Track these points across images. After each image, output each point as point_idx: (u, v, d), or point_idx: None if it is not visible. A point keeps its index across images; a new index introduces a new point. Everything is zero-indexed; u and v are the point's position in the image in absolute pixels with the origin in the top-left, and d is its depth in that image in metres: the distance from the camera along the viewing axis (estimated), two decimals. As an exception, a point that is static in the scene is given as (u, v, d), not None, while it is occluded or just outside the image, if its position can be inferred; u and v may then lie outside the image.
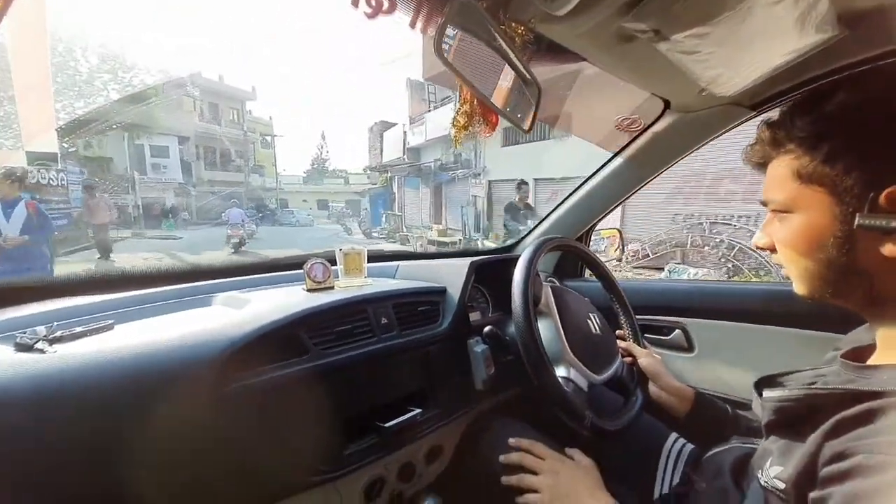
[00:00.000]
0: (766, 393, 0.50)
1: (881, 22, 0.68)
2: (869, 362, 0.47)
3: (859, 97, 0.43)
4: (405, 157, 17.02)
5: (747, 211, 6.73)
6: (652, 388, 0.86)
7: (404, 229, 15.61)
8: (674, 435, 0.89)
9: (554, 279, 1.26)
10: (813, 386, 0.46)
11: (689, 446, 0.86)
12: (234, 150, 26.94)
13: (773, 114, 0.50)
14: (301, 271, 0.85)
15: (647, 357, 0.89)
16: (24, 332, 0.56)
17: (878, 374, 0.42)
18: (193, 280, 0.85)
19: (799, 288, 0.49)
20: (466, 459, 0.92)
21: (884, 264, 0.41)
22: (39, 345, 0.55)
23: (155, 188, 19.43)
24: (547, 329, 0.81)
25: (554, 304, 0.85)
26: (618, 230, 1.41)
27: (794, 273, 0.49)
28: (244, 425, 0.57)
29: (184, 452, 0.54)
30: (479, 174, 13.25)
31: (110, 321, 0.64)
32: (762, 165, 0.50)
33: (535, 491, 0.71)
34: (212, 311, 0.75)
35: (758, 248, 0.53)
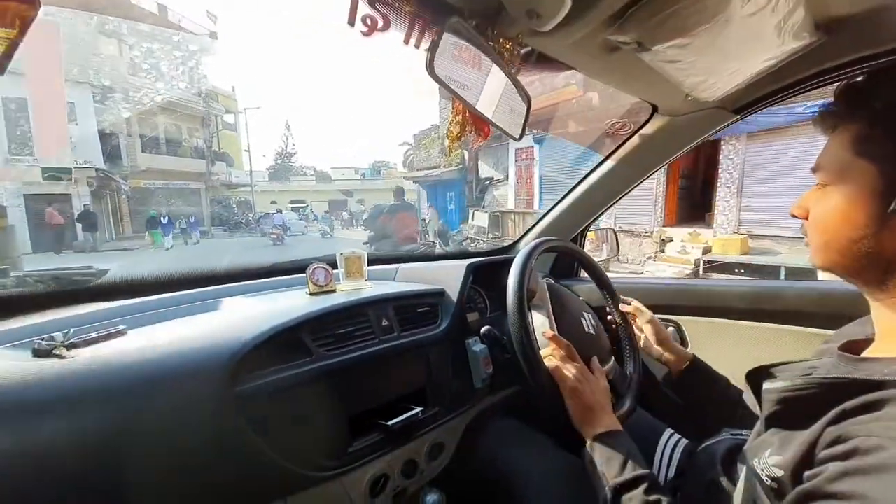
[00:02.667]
0: (768, 384, 0.50)
1: (857, 27, 0.71)
2: (865, 354, 0.48)
3: None
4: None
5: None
6: (655, 347, 0.91)
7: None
8: (669, 430, 0.92)
9: (550, 279, 1.29)
10: (811, 377, 0.47)
11: (684, 441, 0.89)
12: (187, 126, 17.46)
13: (858, 77, 0.48)
14: (303, 275, 0.88)
15: (652, 321, 0.92)
16: (42, 339, 0.59)
17: (876, 366, 0.44)
18: (200, 286, 0.88)
19: (815, 258, 0.50)
20: (467, 456, 0.94)
21: None
22: (57, 350, 0.58)
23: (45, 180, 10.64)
24: (540, 321, 0.84)
25: (549, 297, 0.87)
26: (612, 230, 1.44)
27: (815, 243, 0.50)
28: (252, 425, 0.60)
29: (195, 451, 0.56)
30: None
31: (123, 327, 0.67)
32: (830, 130, 0.49)
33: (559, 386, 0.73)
34: (218, 316, 0.78)
35: (792, 215, 0.54)
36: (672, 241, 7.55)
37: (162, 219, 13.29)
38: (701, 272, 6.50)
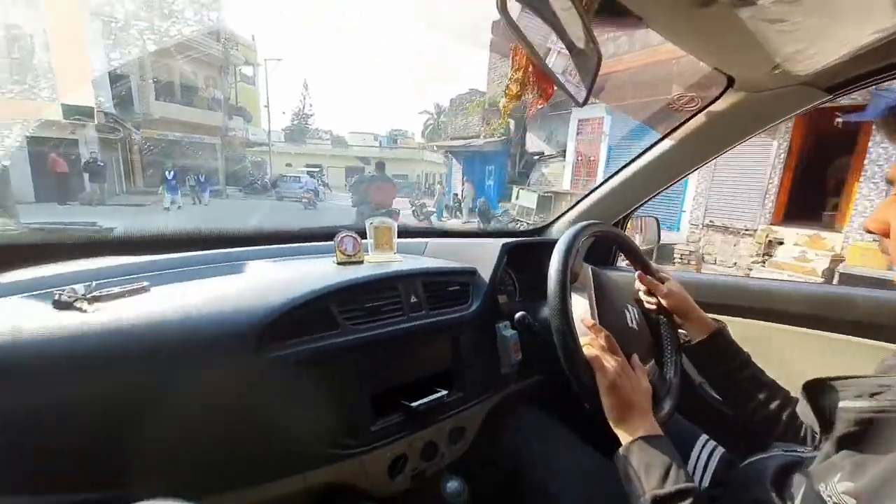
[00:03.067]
0: (845, 403, 0.46)
1: None
2: None
3: None
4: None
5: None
6: (677, 318, 0.86)
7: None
8: (704, 436, 0.86)
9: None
10: (884, 396, 0.43)
11: (720, 449, 0.83)
12: (204, 74, 16.02)
13: None
14: (331, 243, 0.83)
15: (669, 295, 0.85)
16: (63, 290, 0.56)
17: None
18: (226, 246, 0.84)
19: None
20: (489, 443, 0.91)
21: None
22: (78, 303, 0.55)
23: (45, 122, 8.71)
24: (581, 307, 0.78)
25: (592, 283, 0.81)
26: (655, 218, 1.34)
27: None
28: (275, 396, 0.57)
29: (216, 418, 0.54)
30: None
31: (146, 283, 0.64)
32: None
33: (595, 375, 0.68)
34: (245, 279, 0.74)
35: (867, 230, 0.49)
36: (782, 243, 6.12)
37: (167, 174, 11.29)
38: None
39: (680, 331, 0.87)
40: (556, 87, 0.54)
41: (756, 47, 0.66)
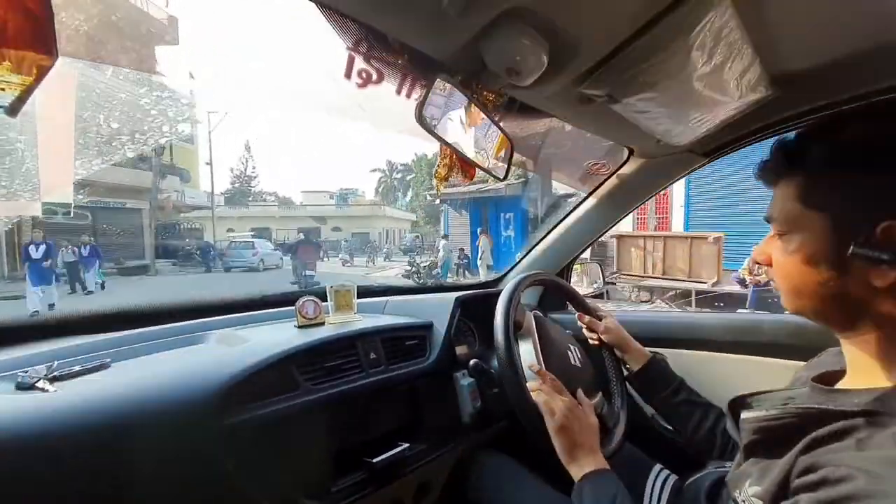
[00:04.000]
0: (745, 414, 0.52)
1: (809, 82, 0.78)
2: (838, 386, 0.51)
3: (872, 129, 0.45)
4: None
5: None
6: (616, 351, 0.94)
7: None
8: (658, 466, 0.91)
9: (538, 311, 1.31)
10: (787, 406, 0.49)
11: (673, 476, 0.88)
12: (130, 128, 6.19)
13: (790, 134, 0.52)
14: (292, 308, 0.88)
15: (607, 331, 0.94)
16: (25, 372, 0.58)
17: (847, 397, 0.46)
18: (187, 318, 0.87)
19: (785, 303, 0.53)
20: (456, 496, 0.92)
21: (871, 293, 0.44)
22: (40, 384, 0.57)
23: None
24: (527, 353, 0.85)
25: (535, 329, 0.89)
26: (597, 263, 1.48)
27: (784, 289, 0.52)
28: (237, 460, 0.59)
29: (181, 487, 0.55)
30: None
31: (107, 360, 0.66)
32: (772, 183, 0.53)
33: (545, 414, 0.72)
34: (206, 349, 0.78)
35: (755, 262, 0.57)
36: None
37: (31, 249, 6.70)
38: None
39: (619, 353, 0.95)
40: (477, 170, 0.66)
41: (637, 128, 0.82)
